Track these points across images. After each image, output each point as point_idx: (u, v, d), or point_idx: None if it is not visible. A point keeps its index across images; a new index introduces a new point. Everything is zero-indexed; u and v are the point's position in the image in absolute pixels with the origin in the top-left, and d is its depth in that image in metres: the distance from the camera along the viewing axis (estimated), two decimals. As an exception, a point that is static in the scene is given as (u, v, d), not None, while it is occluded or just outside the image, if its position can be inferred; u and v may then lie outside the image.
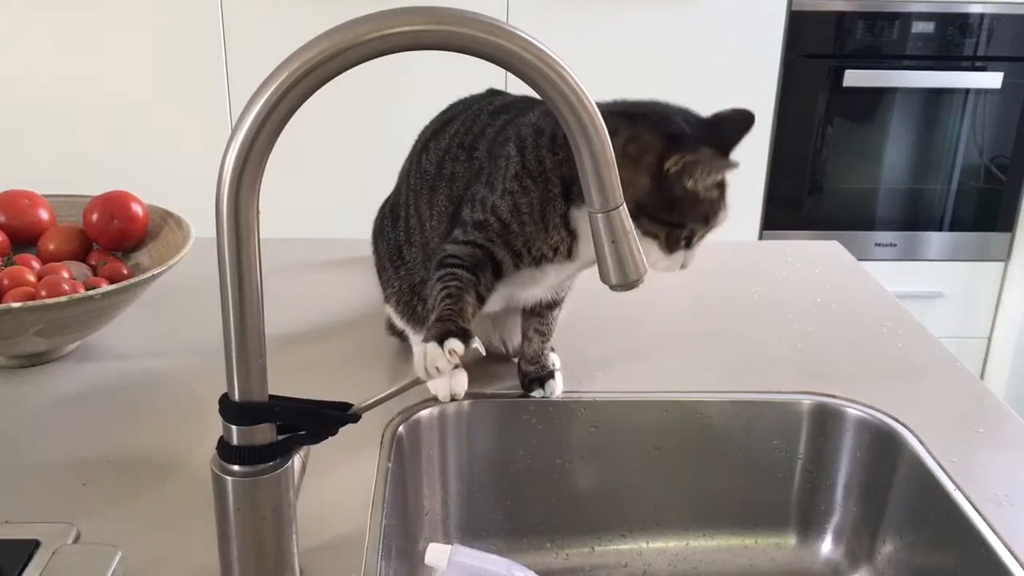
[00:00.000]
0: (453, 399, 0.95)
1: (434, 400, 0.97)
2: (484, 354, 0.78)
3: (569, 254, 0.88)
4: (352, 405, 0.67)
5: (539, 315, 0.98)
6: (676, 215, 0.83)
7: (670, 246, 0.84)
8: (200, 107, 2.28)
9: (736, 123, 0.87)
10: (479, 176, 0.91)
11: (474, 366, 1.00)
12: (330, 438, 0.68)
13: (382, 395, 0.67)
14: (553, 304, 0.98)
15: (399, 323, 1.02)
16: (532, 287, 0.93)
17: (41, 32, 2.21)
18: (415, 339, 1.01)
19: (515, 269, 0.89)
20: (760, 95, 2.36)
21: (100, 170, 2.21)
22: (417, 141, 1.00)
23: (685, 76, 2.30)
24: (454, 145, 0.94)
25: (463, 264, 0.88)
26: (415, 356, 1.02)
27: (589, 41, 2.27)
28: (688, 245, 0.85)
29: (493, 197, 0.88)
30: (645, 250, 0.77)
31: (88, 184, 1.22)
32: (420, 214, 0.97)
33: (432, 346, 0.78)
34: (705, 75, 2.31)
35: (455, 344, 0.78)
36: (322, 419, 0.67)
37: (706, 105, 0.90)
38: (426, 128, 1.00)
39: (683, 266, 0.87)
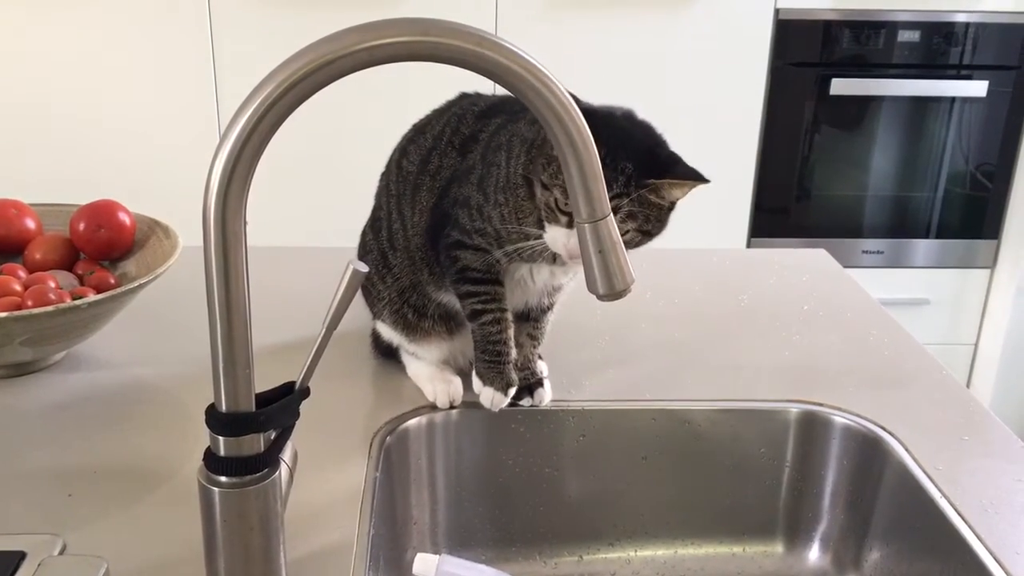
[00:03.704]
0: (452, 406, 0.97)
1: (429, 408, 0.98)
2: None
3: (555, 259, 0.90)
4: (293, 383, 0.66)
5: (534, 320, 0.99)
6: None
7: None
8: (188, 116, 2.27)
9: None
10: (468, 176, 0.92)
11: (464, 376, 1.01)
12: (318, 448, 0.68)
13: (309, 359, 0.66)
14: (547, 309, 1.00)
15: (392, 335, 1.02)
16: (529, 287, 0.96)
17: (29, 42, 2.20)
18: (408, 347, 1.01)
19: (508, 263, 0.93)
20: (747, 103, 2.36)
21: (87, 179, 2.21)
22: (392, 155, 1.01)
23: (672, 84, 2.31)
24: (441, 143, 0.96)
25: (488, 278, 0.93)
26: (409, 365, 1.03)
27: (576, 49, 2.28)
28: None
29: (488, 207, 0.90)
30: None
31: (75, 193, 1.22)
32: (403, 217, 0.97)
33: (499, 395, 0.94)
34: (693, 83, 2.31)
35: (513, 391, 0.95)
36: (289, 409, 0.66)
37: (695, 113, 0.91)
38: (400, 141, 1.01)
39: None
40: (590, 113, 0.85)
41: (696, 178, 0.84)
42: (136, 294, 1.00)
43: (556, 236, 0.85)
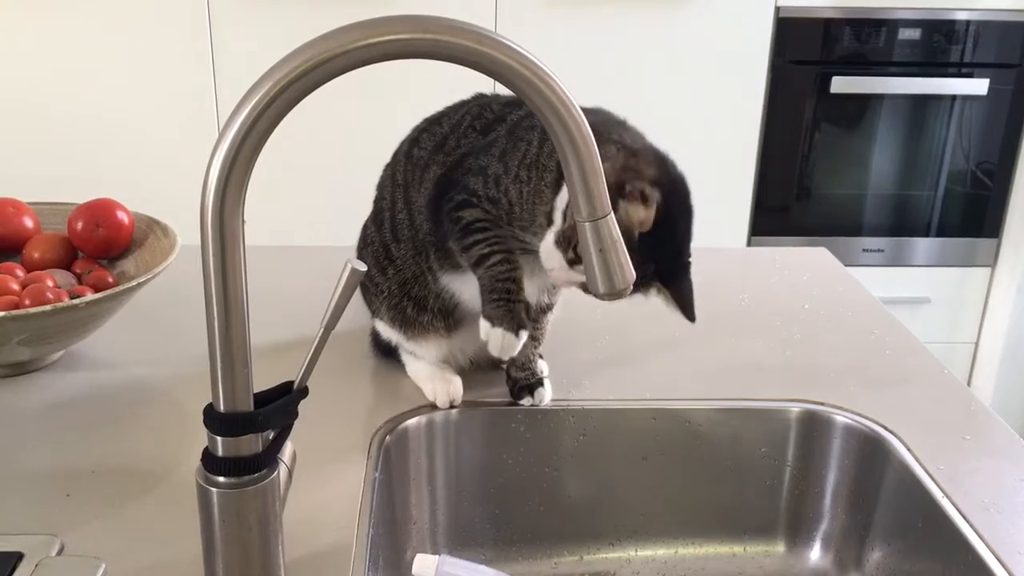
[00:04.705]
0: (452, 405, 0.97)
1: (428, 408, 0.97)
2: None
3: None
4: (292, 382, 0.66)
5: (533, 320, 0.99)
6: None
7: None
8: (187, 114, 2.27)
9: None
10: (488, 148, 0.91)
11: (463, 375, 1.00)
12: (317, 448, 0.67)
13: (307, 359, 0.66)
14: (547, 308, 0.99)
15: (390, 333, 1.01)
16: (532, 283, 0.94)
17: (28, 41, 2.20)
18: (406, 346, 1.01)
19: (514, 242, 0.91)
20: (748, 101, 2.36)
21: (85, 177, 2.20)
22: (399, 147, 1.00)
23: (673, 83, 2.30)
24: (461, 127, 0.95)
25: (495, 225, 0.89)
26: (408, 364, 1.02)
27: (577, 47, 2.28)
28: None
29: (507, 179, 0.89)
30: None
31: (73, 191, 1.21)
32: (410, 206, 0.96)
33: (510, 336, 0.87)
34: (693, 81, 2.31)
35: (525, 334, 0.88)
36: (287, 409, 0.65)
37: (695, 111, 0.90)
38: (410, 133, 1.00)
39: None
40: (666, 179, 0.84)
41: (684, 309, 0.89)
42: (134, 293, 1.00)
43: (551, 253, 0.85)
